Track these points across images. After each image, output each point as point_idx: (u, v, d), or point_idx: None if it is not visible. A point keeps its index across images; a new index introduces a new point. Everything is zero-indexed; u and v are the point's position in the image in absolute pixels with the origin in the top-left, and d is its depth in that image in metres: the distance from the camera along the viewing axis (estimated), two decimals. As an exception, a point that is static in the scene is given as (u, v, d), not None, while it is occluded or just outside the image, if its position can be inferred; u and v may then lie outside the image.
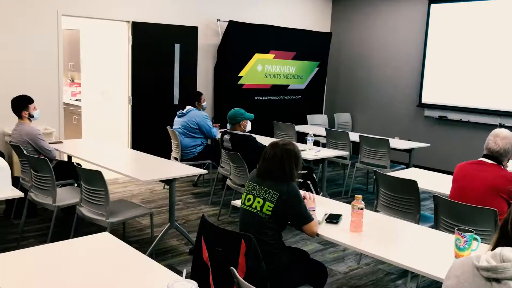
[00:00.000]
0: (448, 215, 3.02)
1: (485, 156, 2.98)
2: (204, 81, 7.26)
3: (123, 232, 4.22)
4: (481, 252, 1.56)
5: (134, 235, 4.39)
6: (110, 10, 6.17)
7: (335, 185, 6.56)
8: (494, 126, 6.39)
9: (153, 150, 5.21)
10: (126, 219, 3.71)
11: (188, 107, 5.71)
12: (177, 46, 6.74)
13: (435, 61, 7.36)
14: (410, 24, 7.71)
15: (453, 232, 2.29)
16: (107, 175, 3.62)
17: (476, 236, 2.23)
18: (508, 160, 2.98)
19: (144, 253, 2.37)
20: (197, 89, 6.92)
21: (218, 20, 7.22)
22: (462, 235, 2.21)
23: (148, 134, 6.59)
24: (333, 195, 5.86)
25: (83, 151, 4.62)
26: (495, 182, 2.84)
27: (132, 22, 6.32)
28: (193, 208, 5.24)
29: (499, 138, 2.93)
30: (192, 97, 5.88)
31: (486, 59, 6.77)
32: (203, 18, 7.11)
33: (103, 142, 5.33)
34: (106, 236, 2.38)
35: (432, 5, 7.30)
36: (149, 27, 6.46)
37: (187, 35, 6.85)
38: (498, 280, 1.44)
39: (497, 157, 2.92)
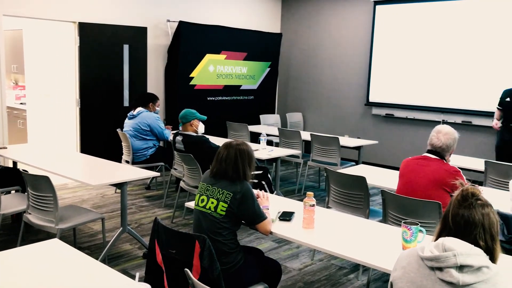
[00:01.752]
0: (395, 209, 3.14)
1: (428, 151, 3.12)
2: (155, 82, 7.17)
3: (73, 238, 4.10)
4: (426, 243, 1.64)
5: (85, 241, 4.28)
6: (55, 11, 5.97)
7: (288, 184, 6.65)
8: (438, 123, 6.67)
9: (103, 153, 5.09)
10: (76, 225, 3.61)
11: (139, 109, 5.61)
12: (126, 47, 6.62)
13: (381, 60, 7.61)
14: (357, 24, 7.93)
15: (400, 225, 2.39)
16: (56, 181, 3.51)
17: (422, 228, 2.33)
18: (450, 154, 3.13)
19: (97, 259, 2.32)
20: (148, 91, 6.82)
21: (168, 21, 7.15)
22: (408, 227, 2.30)
23: (98, 137, 6.44)
24: (286, 193, 5.95)
25: (29, 156, 4.45)
26: (438, 176, 2.98)
27: (79, 22, 6.14)
28: (146, 212, 5.16)
29: (441, 134, 3.07)
30: (145, 98, 5.78)
31: (429, 59, 7.06)
32: (152, 19, 7.02)
33: (51, 146, 5.16)
34: (55, 242, 2.32)
35: (377, 6, 7.54)
36: (96, 28, 6.31)
37: (136, 36, 6.74)
38: (441, 269, 1.52)
39: (440, 152, 3.06)
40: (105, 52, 6.45)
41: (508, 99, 5.72)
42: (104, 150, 5.94)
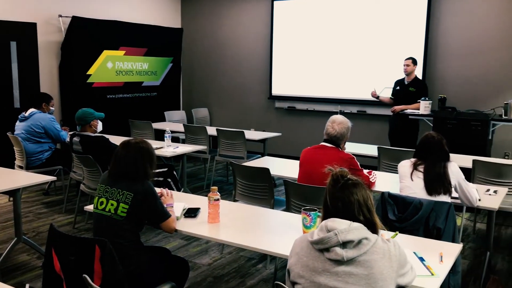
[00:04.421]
0: (297, 197, 3.26)
1: (325, 140, 3.27)
2: (49, 81, 6.75)
3: (-40, 254, 3.75)
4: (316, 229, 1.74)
5: (-25, 256, 3.93)
6: None
7: (197, 180, 6.62)
8: (336, 113, 6.99)
9: (-8, 159, 4.71)
10: (-38, 239, 3.30)
11: (31, 110, 5.25)
12: (13, 44, 6.15)
13: (281, 55, 7.82)
14: (257, 20, 8.06)
15: (301, 213, 2.48)
16: None
17: (320, 214, 2.44)
18: (344, 142, 3.31)
19: (-15, 274, 2.15)
20: (41, 90, 6.41)
21: (60, 16, 6.75)
22: (308, 214, 2.40)
23: (-14, 143, 5.93)
24: (195, 190, 5.92)
25: None
26: (333, 163, 3.13)
27: (-45, 17, 5.60)
28: (45, 219, 4.86)
29: (335, 123, 3.24)
30: (38, 98, 5.42)
31: (325, 52, 7.38)
32: (42, 14, 6.58)
33: None
34: None
35: (275, 2, 7.73)
36: (-23, 23, 5.79)
37: (24, 32, 6.28)
38: (327, 249, 1.62)
39: (335, 140, 3.23)
40: (-11, 49, 5.95)
41: (398, 87, 6.19)
42: (-6, 156, 5.50)
